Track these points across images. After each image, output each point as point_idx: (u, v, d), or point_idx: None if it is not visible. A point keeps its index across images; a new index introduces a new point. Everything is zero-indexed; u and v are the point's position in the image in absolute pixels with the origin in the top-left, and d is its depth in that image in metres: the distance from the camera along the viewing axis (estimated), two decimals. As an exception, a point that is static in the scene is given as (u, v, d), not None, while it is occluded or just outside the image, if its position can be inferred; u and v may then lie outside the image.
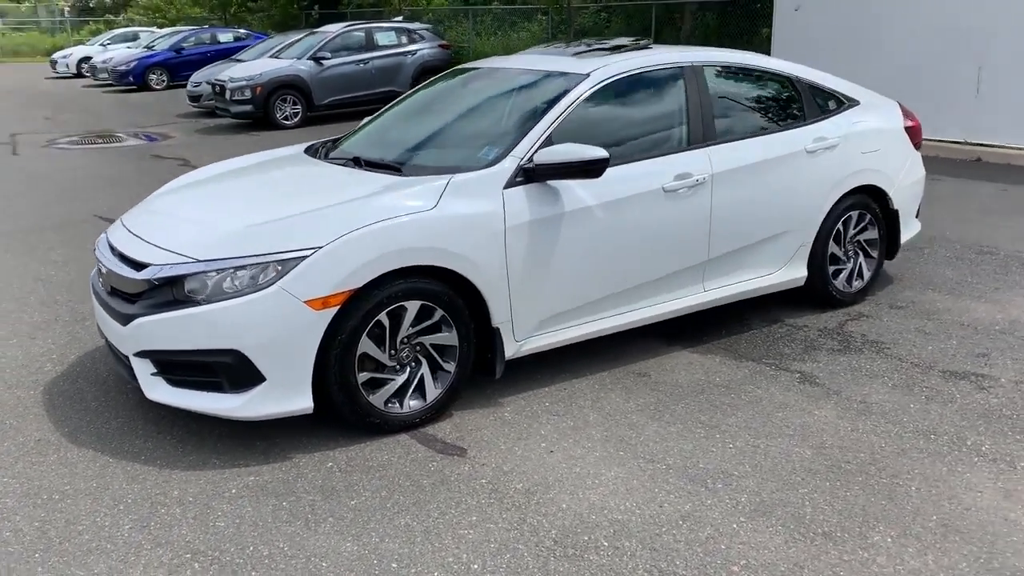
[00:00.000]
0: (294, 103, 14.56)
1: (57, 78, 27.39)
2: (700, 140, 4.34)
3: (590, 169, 3.75)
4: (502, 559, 2.75)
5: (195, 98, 16.68)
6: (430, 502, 3.08)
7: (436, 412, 3.68)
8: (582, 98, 4.08)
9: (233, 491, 3.18)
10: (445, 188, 3.63)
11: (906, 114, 5.35)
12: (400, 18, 17.94)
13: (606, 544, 2.82)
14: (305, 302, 3.25)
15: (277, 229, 3.41)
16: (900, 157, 5.18)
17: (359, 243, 3.34)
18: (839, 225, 4.92)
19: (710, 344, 4.55)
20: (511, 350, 3.85)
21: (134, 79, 22.06)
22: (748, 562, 2.72)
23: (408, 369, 3.61)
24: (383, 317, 3.44)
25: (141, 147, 12.39)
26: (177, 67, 22.24)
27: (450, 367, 3.68)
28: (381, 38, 15.53)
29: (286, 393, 3.31)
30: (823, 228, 4.82)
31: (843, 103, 5.02)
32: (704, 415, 3.75)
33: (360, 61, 15.11)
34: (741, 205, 4.43)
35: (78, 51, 28.15)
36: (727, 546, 2.81)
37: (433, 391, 3.66)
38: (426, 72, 15.57)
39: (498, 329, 3.77)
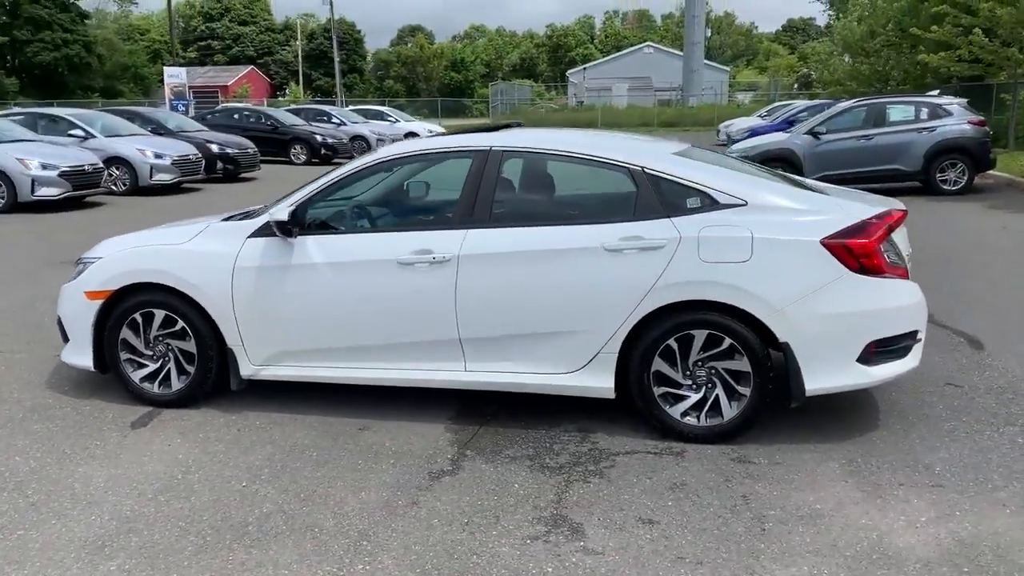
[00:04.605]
0: (782, 176, 14.67)
1: (718, 144, 30.91)
2: (466, 221, 4.40)
3: (280, 229, 4.43)
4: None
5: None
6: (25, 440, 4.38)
7: (182, 400, 4.81)
8: (355, 171, 4.64)
9: (23, 416, 4.93)
10: (202, 230, 4.76)
11: (862, 229, 4.11)
12: (936, 92, 16.11)
13: None
14: (84, 292, 4.82)
15: (110, 244, 5.02)
16: (803, 278, 4.07)
17: (120, 259, 4.77)
18: (671, 342, 4.20)
19: (474, 428, 4.50)
20: (248, 370, 4.72)
21: (740, 147, 23.95)
22: None
23: (161, 361, 4.84)
24: (137, 316, 4.77)
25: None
26: (781, 138, 23.33)
27: (191, 369, 4.77)
28: (894, 113, 14.48)
29: (79, 352, 4.92)
30: (634, 339, 4.22)
31: (714, 202, 4.22)
32: (268, 464, 4.09)
33: (862, 136, 14.39)
34: (500, 291, 4.31)
35: (739, 121, 31.21)
36: None
37: (176, 384, 4.81)
38: (945, 151, 14.06)
39: (231, 350, 4.70)
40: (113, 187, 15.28)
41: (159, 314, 4.73)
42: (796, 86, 56.23)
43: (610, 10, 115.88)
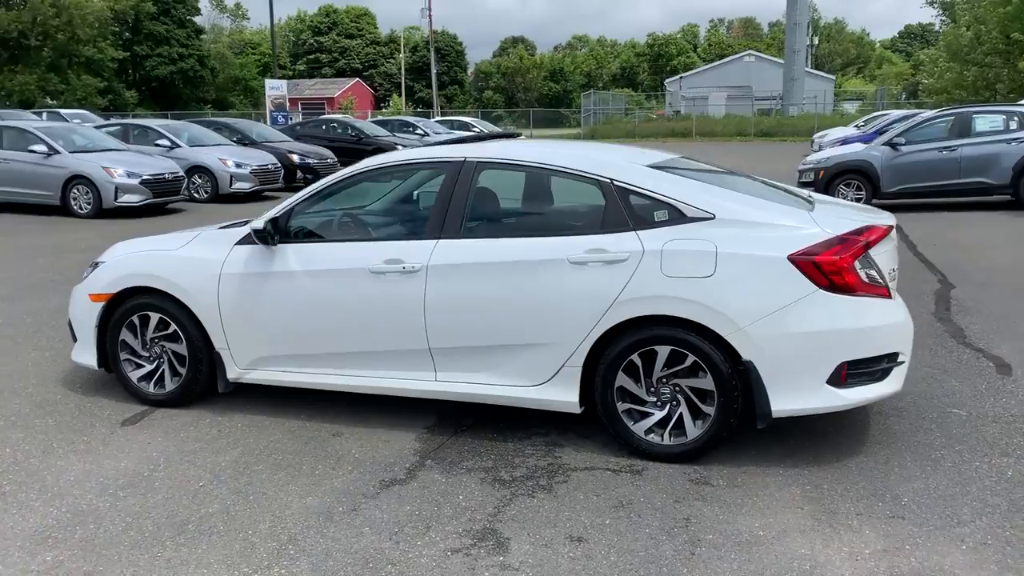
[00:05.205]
0: (857, 188, 14.15)
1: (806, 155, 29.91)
2: (437, 232, 4.43)
3: (258, 237, 4.56)
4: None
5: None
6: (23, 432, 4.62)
7: (174, 401, 4.99)
8: (336, 182, 4.73)
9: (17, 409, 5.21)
10: (194, 238, 4.94)
11: (833, 244, 3.93)
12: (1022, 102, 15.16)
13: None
14: (89, 294, 5.07)
15: (118, 248, 5.26)
16: (769, 295, 3.92)
17: (120, 263, 4.99)
18: (634, 357, 4.12)
19: (443, 438, 4.52)
20: (233, 374, 4.87)
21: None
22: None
23: (156, 362, 5.03)
24: (135, 319, 4.99)
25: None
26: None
27: (183, 371, 4.95)
28: (980, 123, 13.75)
29: (85, 352, 5.17)
30: (598, 353, 4.16)
31: (682, 216, 4.11)
32: (232, 465, 4.20)
33: (945, 148, 13.71)
34: (466, 302, 4.31)
35: (834, 131, 30.14)
36: None
37: (170, 384, 5.00)
38: (1037, 162, 13.27)
39: (219, 353, 4.85)
40: (195, 195, 15.98)
41: (154, 317, 4.93)
42: (904, 95, 53.96)
43: (715, 18, 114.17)
